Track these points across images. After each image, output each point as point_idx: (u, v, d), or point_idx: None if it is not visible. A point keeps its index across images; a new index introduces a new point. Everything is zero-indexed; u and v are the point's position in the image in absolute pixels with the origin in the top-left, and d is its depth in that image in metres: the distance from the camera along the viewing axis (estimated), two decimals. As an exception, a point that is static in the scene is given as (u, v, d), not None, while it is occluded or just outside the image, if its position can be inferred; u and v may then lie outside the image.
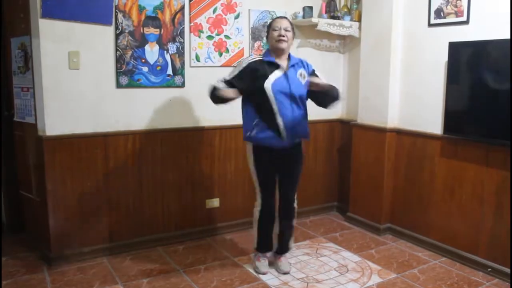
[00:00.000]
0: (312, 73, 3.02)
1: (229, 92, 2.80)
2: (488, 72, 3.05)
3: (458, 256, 3.36)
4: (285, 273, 3.13)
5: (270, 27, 2.96)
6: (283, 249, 3.23)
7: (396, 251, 3.58)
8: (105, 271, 3.15)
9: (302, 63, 3.02)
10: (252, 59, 2.94)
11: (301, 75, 2.95)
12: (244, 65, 2.90)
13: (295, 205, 3.18)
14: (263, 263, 3.18)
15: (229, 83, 2.85)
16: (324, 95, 2.97)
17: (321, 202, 4.45)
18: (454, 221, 3.39)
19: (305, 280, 3.08)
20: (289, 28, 2.92)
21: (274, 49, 2.93)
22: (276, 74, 2.87)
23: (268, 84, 2.83)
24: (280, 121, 2.86)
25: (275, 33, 2.89)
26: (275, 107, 2.84)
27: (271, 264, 3.23)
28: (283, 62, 2.94)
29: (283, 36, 2.87)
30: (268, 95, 2.83)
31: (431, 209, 3.56)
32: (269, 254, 3.24)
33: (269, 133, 2.89)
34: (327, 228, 4.08)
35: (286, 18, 3.03)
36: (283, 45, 2.89)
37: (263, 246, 3.20)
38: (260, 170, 3.04)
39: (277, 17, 3.04)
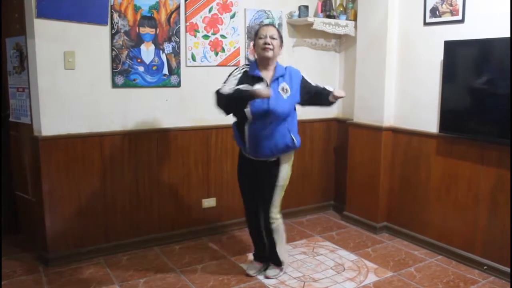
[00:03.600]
0: (303, 80, 2.90)
1: (262, 91, 2.58)
2: (483, 71, 3.06)
3: (454, 254, 3.37)
4: (266, 277, 3.06)
5: (256, 35, 2.84)
6: (270, 258, 3.12)
7: (393, 249, 3.59)
8: (102, 271, 3.14)
9: (289, 74, 2.86)
10: (240, 71, 2.86)
11: (283, 89, 2.80)
12: (239, 74, 2.83)
13: (273, 225, 2.96)
14: (251, 265, 3.17)
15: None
16: (331, 100, 2.86)
17: (317, 201, 4.46)
18: (450, 219, 3.40)
19: (302, 279, 3.08)
20: (276, 36, 2.80)
21: (260, 58, 2.83)
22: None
23: (247, 106, 2.73)
24: (246, 132, 2.80)
25: (261, 41, 2.78)
26: (249, 118, 2.76)
27: (263, 271, 3.14)
28: (268, 72, 2.83)
29: (269, 44, 2.76)
30: (245, 110, 2.74)
31: (427, 208, 3.57)
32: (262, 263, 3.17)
33: (238, 139, 2.90)
34: (324, 227, 4.09)
35: (272, 25, 2.93)
36: (269, 53, 2.77)
37: (257, 253, 3.19)
38: (238, 173, 3.07)
39: (263, 25, 2.94)
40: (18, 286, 2.93)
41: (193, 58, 3.58)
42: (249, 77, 2.81)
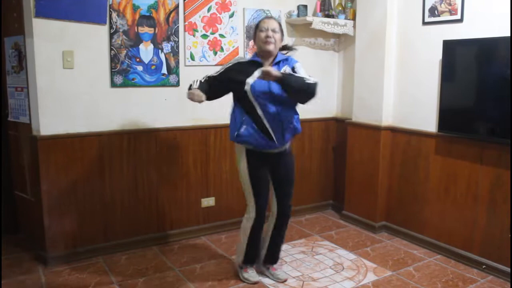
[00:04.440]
0: (293, 68, 2.78)
1: (194, 96, 2.62)
2: (482, 70, 3.06)
3: (453, 253, 3.38)
4: (283, 281, 3.01)
5: (257, 28, 2.78)
6: (275, 258, 3.09)
7: (392, 248, 3.59)
8: (101, 271, 3.14)
9: (290, 61, 2.81)
10: (239, 60, 2.82)
11: (285, 72, 2.71)
12: (229, 64, 2.80)
13: (290, 213, 3.02)
14: (251, 273, 3.03)
15: (212, 79, 2.78)
16: (290, 89, 2.65)
17: (316, 201, 4.46)
18: (448, 219, 3.41)
19: (301, 278, 3.09)
20: (277, 29, 2.74)
21: (261, 52, 2.77)
22: (256, 75, 2.68)
23: (248, 87, 2.68)
24: (267, 124, 2.71)
25: (262, 34, 2.72)
26: (259, 111, 2.70)
27: (260, 273, 3.08)
28: (269, 64, 2.78)
29: (270, 38, 2.70)
30: (250, 98, 2.69)
31: (426, 207, 3.57)
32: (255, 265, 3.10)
33: (258, 134, 2.72)
34: (323, 226, 4.09)
35: (273, 18, 2.85)
36: (270, 46, 2.71)
37: (252, 258, 3.04)
38: (253, 174, 2.84)
39: (265, 18, 2.84)
40: (17, 286, 2.93)
41: (192, 58, 3.58)
42: (248, 65, 2.75)
